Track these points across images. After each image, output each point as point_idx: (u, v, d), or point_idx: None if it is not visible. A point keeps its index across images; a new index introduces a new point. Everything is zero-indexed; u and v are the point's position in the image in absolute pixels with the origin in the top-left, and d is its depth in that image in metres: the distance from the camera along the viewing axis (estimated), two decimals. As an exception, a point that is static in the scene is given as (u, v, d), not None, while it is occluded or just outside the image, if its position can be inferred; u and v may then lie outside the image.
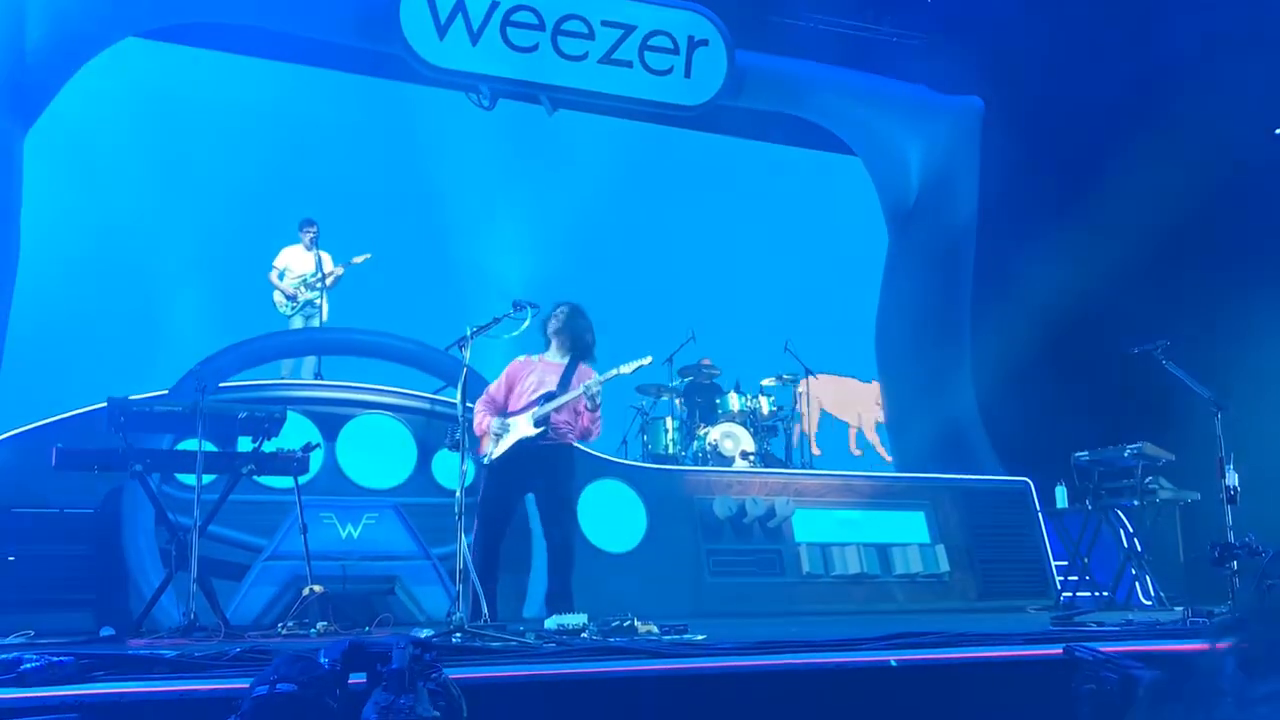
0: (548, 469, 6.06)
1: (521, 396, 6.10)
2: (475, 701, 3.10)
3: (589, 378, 6.09)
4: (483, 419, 6.10)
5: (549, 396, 6.02)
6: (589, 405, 6.02)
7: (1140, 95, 9.52)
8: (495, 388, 6.20)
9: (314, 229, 9.51)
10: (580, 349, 6.18)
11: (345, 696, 2.42)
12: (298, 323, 9.42)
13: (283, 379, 8.71)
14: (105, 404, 5.92)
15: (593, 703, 3.43)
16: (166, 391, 6.90)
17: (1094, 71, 9.78)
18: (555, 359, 6.19)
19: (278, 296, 9.49)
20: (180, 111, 10.95)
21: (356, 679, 2.49)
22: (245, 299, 9.72)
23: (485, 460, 6.06)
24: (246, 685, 2.92)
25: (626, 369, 6.06)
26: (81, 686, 2.92)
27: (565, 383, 6.07)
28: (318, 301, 9.43)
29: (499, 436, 6.02)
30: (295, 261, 9.54)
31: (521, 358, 6.23)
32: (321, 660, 2.41)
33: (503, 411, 6.14)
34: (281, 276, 9.53)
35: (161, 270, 10.54)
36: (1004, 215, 10.62)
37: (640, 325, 10.95)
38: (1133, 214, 9.40)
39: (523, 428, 5.99)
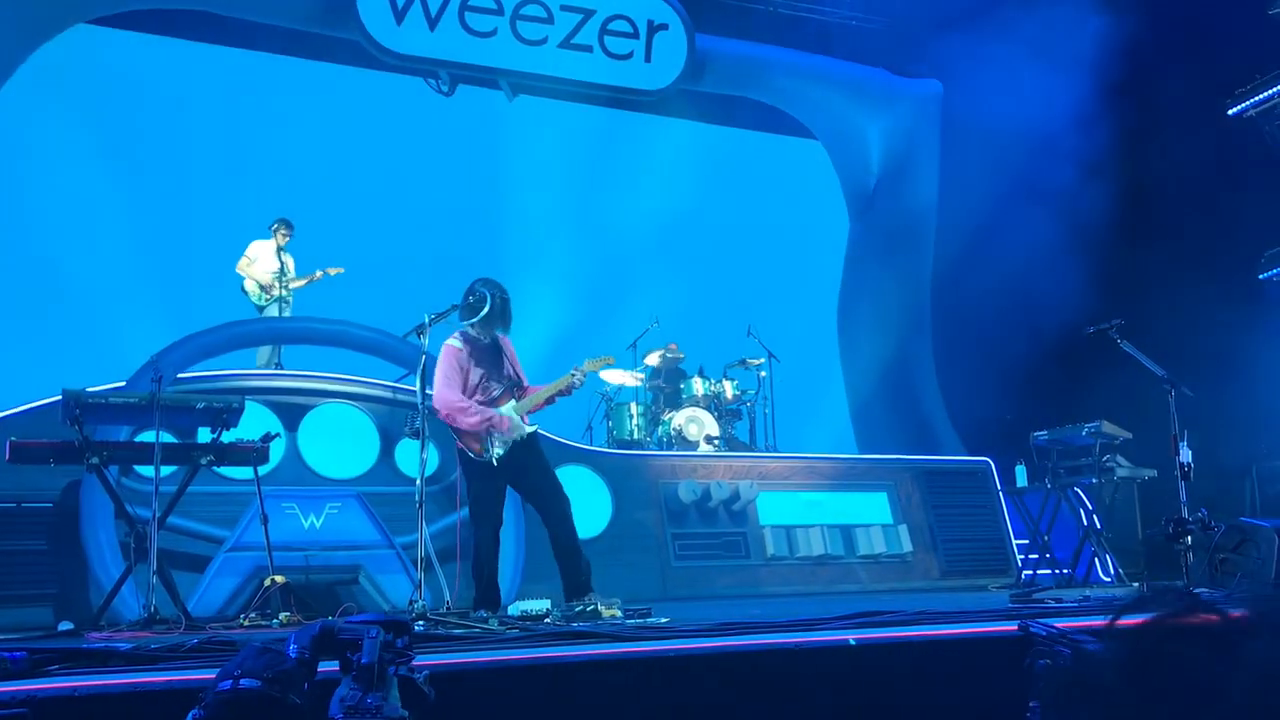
0: (533, 458, 5.92)
1: (479, 387, 5.87)
2: (439, 689, 3.09)
3: (510, 347, 6.02)
4: (488, 415, 5.77)
5: (516, 384, 5.93)
6: (568, 391, 5.96)
7: (1098, 78, 9.60)
8: (454, 378, 5.84)
9: (289, 232, 9.40)
10: (507, 326, 6.02)
11: (314, 690, 2.37)
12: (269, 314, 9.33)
13: (245, 370, 8.62)
14: (60, 396, 5.84)
15: (556, 687, 3.44)
16: (123, 383, 6.81)
17: (1053, 55, 9.86)
18: (482, 337, 5.90)
19: (250, 285, 9.34)
20: (133, 100, 10.79)
21: (329, 667, 2.43)
22: (202, 289, 9.60)
23: (494, 460, 5.79)
24: (203, 677, 2.91)
25: (594, 365, 6.09)
26: (33, 682, 2.88)
27: (505, 360, 5.97)
28: (286, 298, 9.36)
29: (506, 435, 5.80)
30: (263, 258, 9.41)
31: (455, 344, 5.89)
32: (290, 648, 2.37)
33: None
34: None
35: (116, 261, 10.38)
36: (963, 198, 10.69)
37: (603, 312, 10.96)
38: (1090, 196, 9.50)
39: (522, 423, 5.86)
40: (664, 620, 4.97)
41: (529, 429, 5.89)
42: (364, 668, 2.15)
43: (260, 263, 9.36)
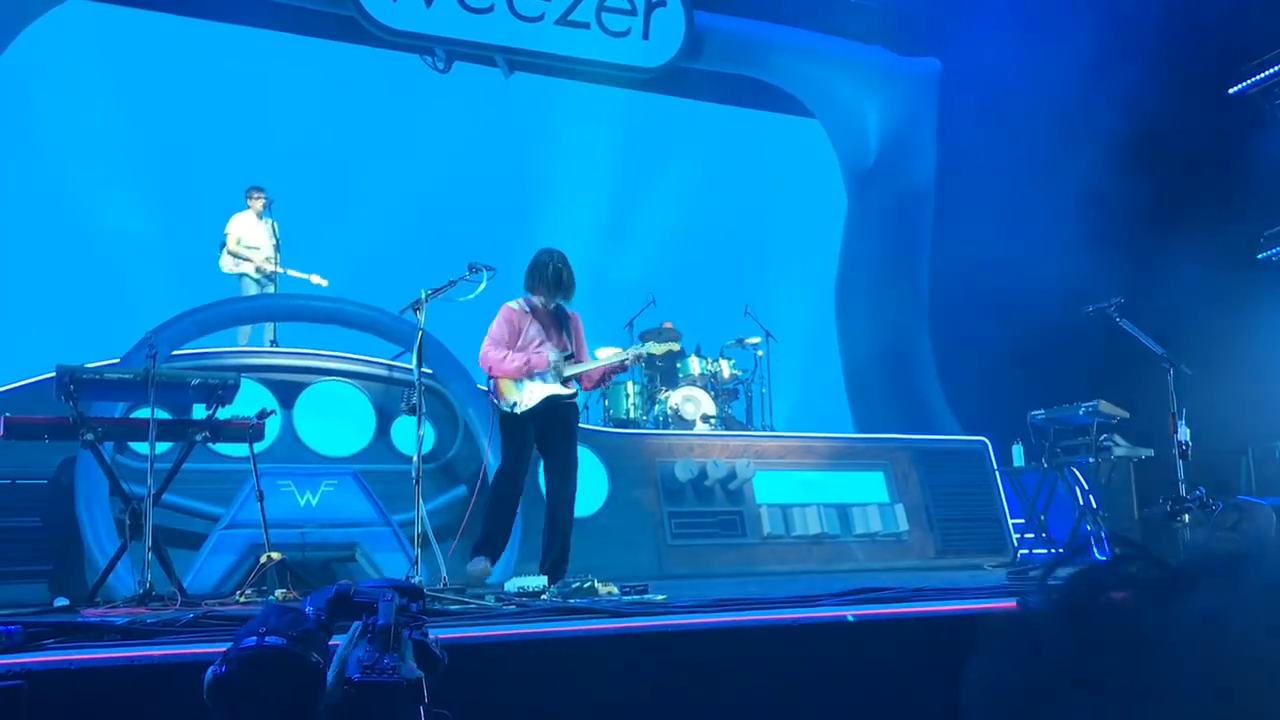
0: (563, 427, 6.00)
1: (529, 348, 5.96)
2: (434, 664, 3.08)
3: (578, 323, 6.11)
4: (527, 357, 5.86)
5: (570, 355, 5.97)
6: (624, 367, 6.13)
7: (1096, 56, 9.55)
8: (500, 335, 5.97)
9: (263, 196, 9.29)
10: (570, 297, 6.10)
11: (330, 651, 2.37)
12: (252, 290, 9.25)
13: (242, 347, 8.58)
14: (54, 372, 5.81)
15: (553, 662, 3.44)
16: (118, 359, 6.78)
17: (1050, 33, 9.81)
18: (546, 306, 6.02)
19: (227, 260, 9.25)
20: (127, 76, 10.69)
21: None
22: (196, 266, 9.55)
23: (514, 409, 5.89)
24: (198, 651, 2.90)
25: (658, 349, 6.31)
26: (29, 655, 2.87)
27: (567, 333, 6.03)
28: (272, 275, 9.27)
29: (545, 374, 5.87)
30: (246, 230, 9.33)
31: (515, 305, 6.05)
32: (307, 609, 2.37)
33: None
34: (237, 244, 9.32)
35: (111, 237, 10.33)
36: (961, 176, 10.66)
37: (600, 289, 10.91)
38: (1088, 175, 9.47)
39: (555, 377, 5.91)
40: (661, 597, 4.96)
41: (568, 394, 5.92)
42: (380, 629, 2.16)
43: (243, 239, 9.26)
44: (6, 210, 10.07)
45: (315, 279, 9.26)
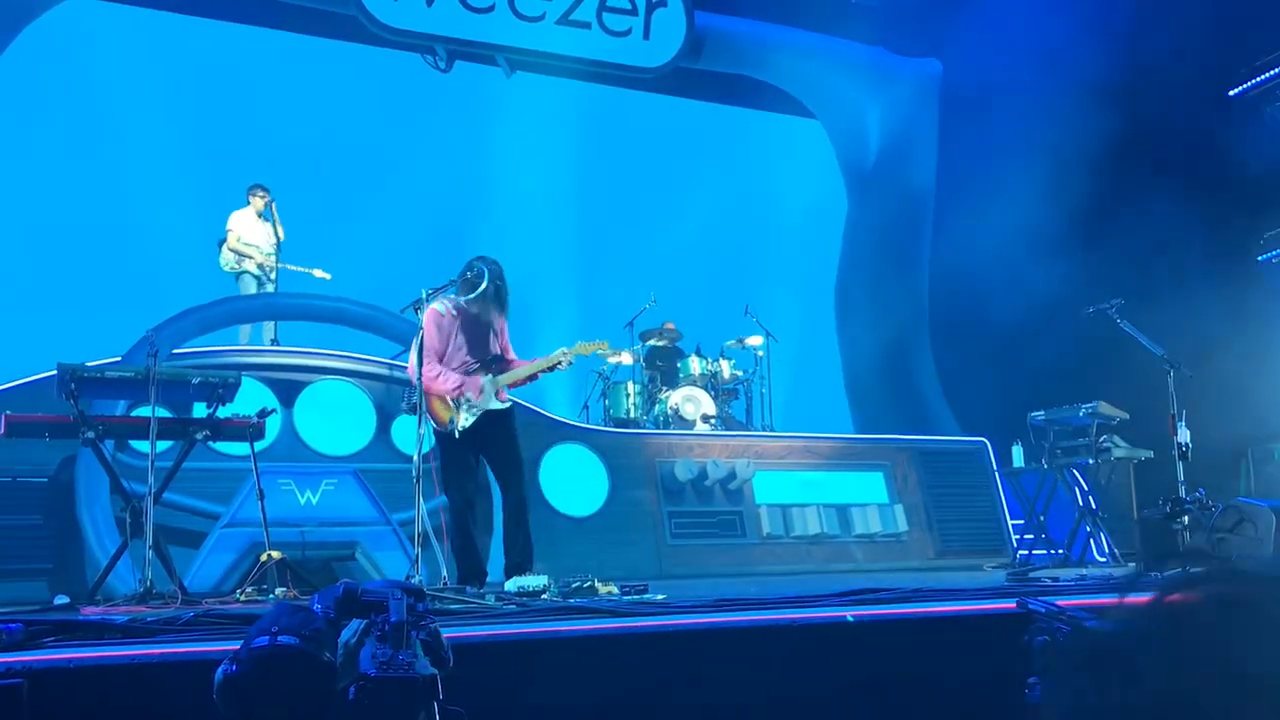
0: (502, 431, 5.92)
1: (455, 357, 5.85)
2: (434, 663, 3.08)
3: (500, 325, 5.97)
4: (460, 381, 5.77)
5: (497, 359, 5.91)
6: (552, 370, 5.95)
7: (1096, 57, 9.56)
8: (432, 345, 5.81)
9: (266, 195, 9.26)
10: (503, 309, 5.95)
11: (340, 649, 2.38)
12: (252, 288, 9.24)
13: (242, 346, 8.57)
14: (55, 370, 5.81)
15: (553, 661, 3.44)
16: (119, 358, 6.78)
17: (1050, 34, 9.81)
18: (474, 310, 5.82)
19: (227, 255, 9.22)
20: (127, 73, 10.68)
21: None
22: (198, 264, 9.54)
23: (455, 431, 5.78)
24: (198, 649, 2.90)
25: (585, 350, 6.03)
26: (29, 653, 2.87)
27: (494, 332, 5.92)
28: (272, 275, 9.26)
29: (470, 405, 5.79)
30: (245, 227, 9.31)
31: (442, 309, 5.85)
32: (315, 607, 2.37)
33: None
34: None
35: (111, 235, 10.32)
36: (962, 176, 10.66)
37: (600, 290, 10.93)
38: (1088, 174, 9.47)
39: (490, 398, 5.82)
40: (660, 597, 4.96)
41: (503, 405, 5.87)
42: (394, 626, 2.16)
43: (243, 237, 9.23)
44: (6, 208, 10.06)
45: (318, 273, 9.24)
